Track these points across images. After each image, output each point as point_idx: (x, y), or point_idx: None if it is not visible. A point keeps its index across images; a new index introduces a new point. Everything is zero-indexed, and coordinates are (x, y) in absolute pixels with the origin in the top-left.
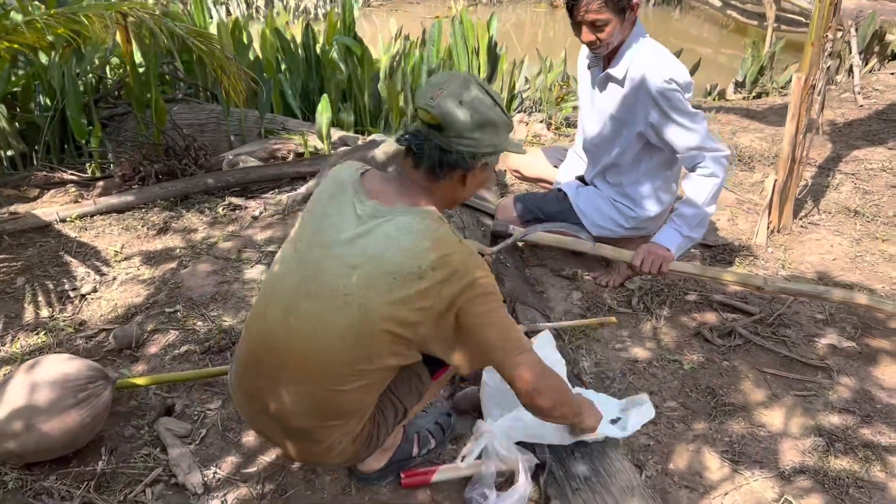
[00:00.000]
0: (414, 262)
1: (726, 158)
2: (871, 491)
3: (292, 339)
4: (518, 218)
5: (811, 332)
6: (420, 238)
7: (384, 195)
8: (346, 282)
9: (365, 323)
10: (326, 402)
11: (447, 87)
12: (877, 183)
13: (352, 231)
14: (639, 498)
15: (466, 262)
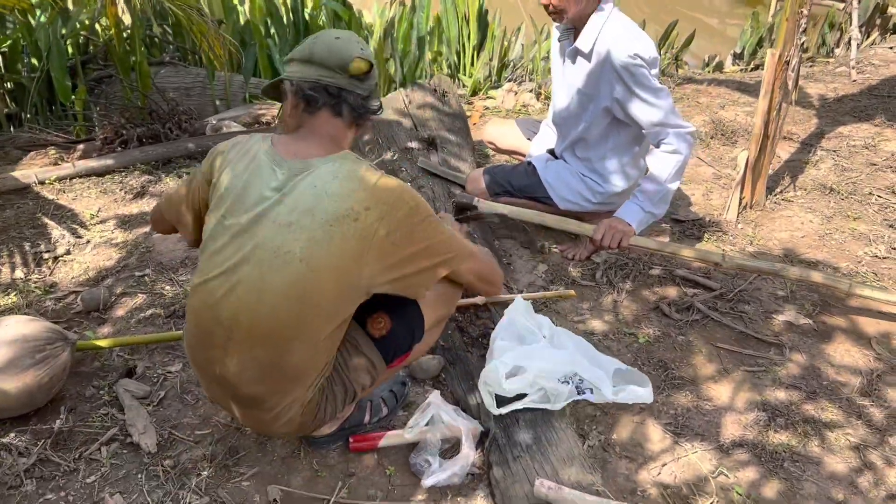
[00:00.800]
0: (345, 205)
1: (691, 135)
2: (805, 465)
3: (237, 306)
4: (487, 190)
5: (770, 309)
6: (346, 181)
7: (300, 151)
8: (283, 240)
9: (309, 277)
10: (274, 366)
11: (366, 47)
12: (857, 160)
13: (277, 192)
14: (578, 467)
15: (395, 193)
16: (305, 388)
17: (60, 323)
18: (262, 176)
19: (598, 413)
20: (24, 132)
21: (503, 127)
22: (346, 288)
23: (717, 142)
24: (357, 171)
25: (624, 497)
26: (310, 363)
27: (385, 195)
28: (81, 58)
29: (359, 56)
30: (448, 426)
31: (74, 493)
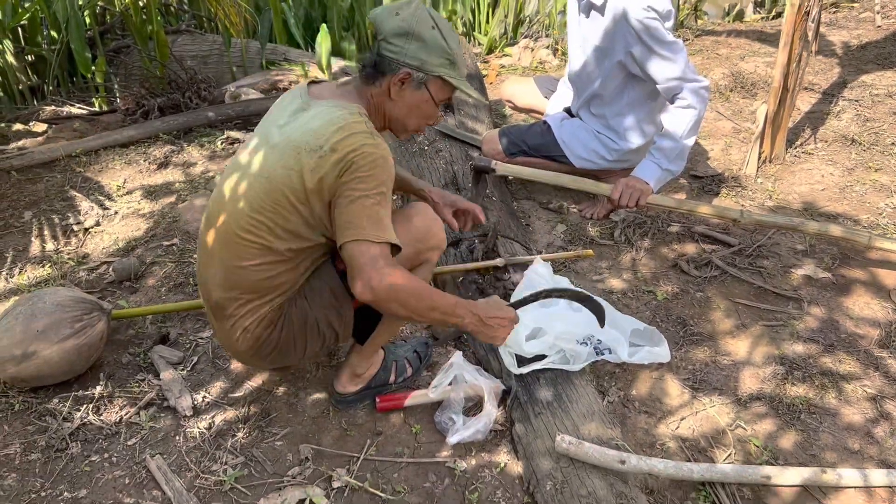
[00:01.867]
0: (317, 140)
1: (706, 90)
2: (822, 416)
3: (224, 209)
4: (503, 150)
5: (789, 263)
6: (329, 123)
7: (322, 95)
8: (263, 157)
9: (268, 191)
10: (233, 270)
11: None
12: (880, 110)
13: (282, 120)
14: (598, 422)
15: (366, 152)
16: (261, 300)
17: (94, 293)
18: (283, 110)
19: (618, 370)
20: (47, 105)
21: (521, 85)
22: (298, 212)
23: (736, 95)
24: (344, 120)
25: (643, 450)
26: (265, 276)
27: (351, 144)
28: (99, 28)
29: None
30: (471, 385)
31: (117, 455)
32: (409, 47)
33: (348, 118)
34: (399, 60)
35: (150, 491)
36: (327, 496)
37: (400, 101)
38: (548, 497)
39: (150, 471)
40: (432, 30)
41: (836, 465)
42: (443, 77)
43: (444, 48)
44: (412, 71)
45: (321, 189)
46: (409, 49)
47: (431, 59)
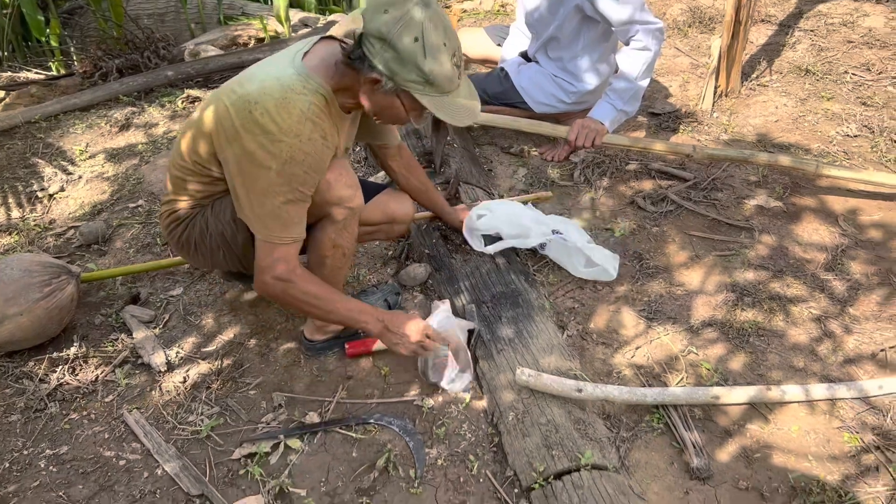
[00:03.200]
0: (257, 96)
1: (660, 31)
2: (769, 338)
3: None
4: None
5: (742, 195)
6: (278, 87)
7: (312, 54)
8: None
9: (205, 118)
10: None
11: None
12: (834, 39)
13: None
14: (557, 355)
15: (291, 131)
16: (177, 197)
17: (63, 257)
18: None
19: (577, 305)
20: (2, 71)
21: (472, 35)
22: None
23: (694, 30)
24: (290, 91)
25: (601, 379)
26: (181, 178)
27: (282, 122)
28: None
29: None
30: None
31: (96, 412)
32: (385, 55)
33: (298, 90)
34: (371, 62)
35: (130, 444)
36: (301, 439)
37: (371, 97)
38: (510, 427)
39: (129, 425)
40: (414, 42)
41: (781, 383)
42: (410, 92)
43: (419, 66)
44: (382, 78)
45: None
46: (384, 56)
47: (403, 73)
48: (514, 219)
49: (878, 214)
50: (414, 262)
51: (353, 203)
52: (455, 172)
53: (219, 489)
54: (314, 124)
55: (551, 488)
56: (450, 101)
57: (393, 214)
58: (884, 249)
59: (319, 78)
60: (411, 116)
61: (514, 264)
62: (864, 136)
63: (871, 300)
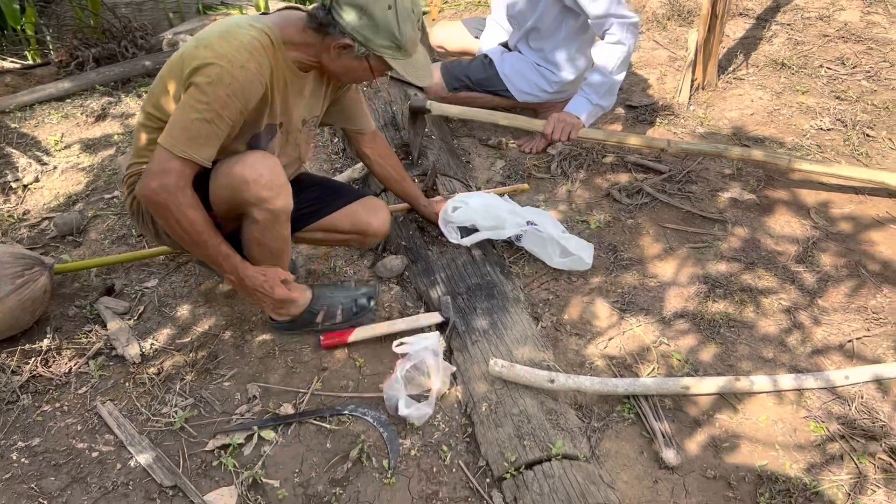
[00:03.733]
0: (203, 35)
1: (635, 26)
2: (740, 330)
3: None
4: (445, 86)
5: (716, 187)
6: (225, 25)
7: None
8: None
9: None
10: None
11: None
12: (810, 32)
13: None
14: (531, 346)
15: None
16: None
17: (37, 249)
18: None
19: (552, 297)
20: None
21: (450, 29)
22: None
23: (673, 23)
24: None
25: (573, 370)
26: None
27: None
28: None
29: None
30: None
31: (69, 404)
32: (358, 22)
33: (252, 35)
34: (345, 30)
35: (103, 435)
36: (275, 430)
37: (337, 61)
38: (483, 417)
39: (102, 416)
40: (388, 10)
41: (750, 374)
42: (384, 57)
43: (394, 33)
44: (354, 44)
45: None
46: (358, 23)
47: (377, 39)
48: (490, 211)
49: (849, 207)
50: (391, 253)
51: (274, 205)
52: (432, 164)
53: (192, 480)
54: (250, 54)
55: (522, 478)
56: (413, 62)
57: (364, 227)
58: (853, 242)
59: (271, 23)
60: (376, 76)
61: (490, 256)
62: (838, 129)
63: (840, 292)
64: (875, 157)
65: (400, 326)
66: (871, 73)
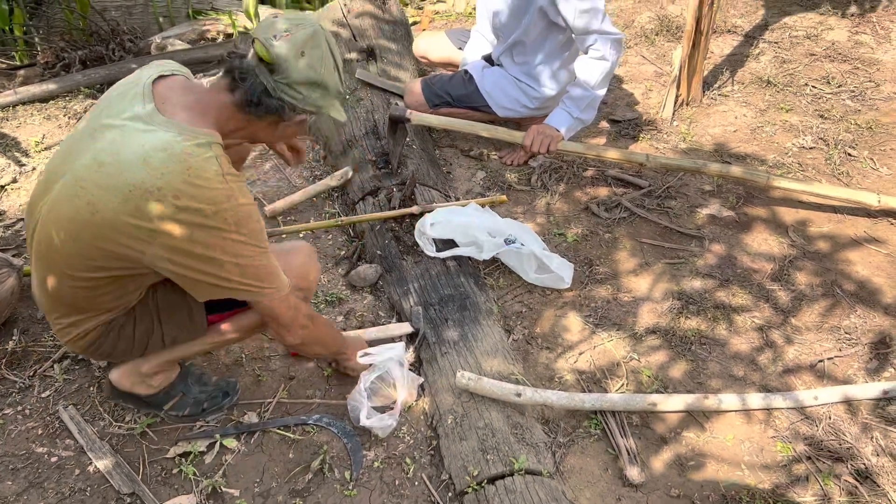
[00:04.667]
0: (156, 181)
1: (619, 42)
2: (712, 347)
3: (39, 215)
4: (426, 102)
5: (695, 203)
6: (173, 161)
7: (169, 103)
8: (87, 174)
9: (89, 224)
10: (51, 288)
11: (296, 33)
12: (797, 51)
13: (118, 130)
14: (500, 358)
15: (217, 201)
16: (85, 318)
17: (9, 250)
18: (121, 108)
19: (525, 310)
20: None
21: (433, 39)
22: (125, 254)
23: (661, 38)
24: (191, 158)
25: (542, 384)
26: (85, 300)
27: (204, 196)
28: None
29: (259, 39)
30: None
31: (31, 407)
32: (313, 95)
33: (195, 155)
34: (298, 107)
35: (63, 440)
36: (238, 439)
37: (283, 133)
38: (448, 430)
39: (63, 421)
40: (333, 72)
41: (719, 392)
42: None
43: (339, 89)
44: (307, 117)
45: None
46: (312, 97)
47: (327, 100)
48: (468, 230)
49: (827, 226)
50: (365, 262)
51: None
52: (412, 173)
53: (151, 488)
54: (232, 176)
55: (484, 493)
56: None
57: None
58: (830, 261)
59: (201, 129)
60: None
61: (465, 267)
62: (820, 148)
63: (814, 311)
64: (856, 177)
65: (370, 336)
66: (855, 92)
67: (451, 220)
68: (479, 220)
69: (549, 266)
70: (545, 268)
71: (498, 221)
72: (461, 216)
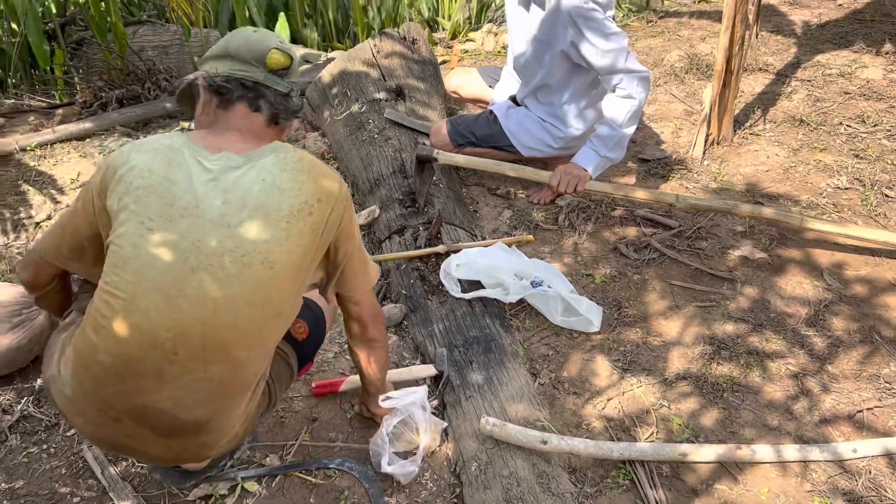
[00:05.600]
0: (300, 199)
1: (646, 80)
2: (745, 394)
3: (186, 323)
4: (451, 141)
5: (727, 244)
6: (297, 173)
7: (227, 145)
8: (238, 242)
9: (272, 280)
10: (229, 382)
11: (277, 36)
12: (831, 89)
13: (213, 190)
14: (526, 403)
15: (338, 181)
16: (250, 396)
17: None
18: (192, 175)
19: (552, 353)
20: (7, 98)
21: (466, 76)
22: (301, 286)
23: (691, 76)
24: (304, 161)
25: (570, 430)
26: (260, 371)
27: (332, 185)
28: (61, 20)
29: (276, 47)
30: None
31: (56, 446)
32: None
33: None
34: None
35: (86, 480)
36: (259, 482)
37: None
38: (472, 478)
39: (87, 461)
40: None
41: (753, 442)
42: None
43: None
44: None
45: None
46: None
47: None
48: (494, 272)
49: (864, 269)
50: (391, 301)
51: None
52: (438, 212)
53: None
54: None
55: None
56: None
57: None
58: (868, 306)
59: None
60: None
61: (491, 308)
62: (855, 188)
63: (852, 358)
64: (894, 219)
65: (393, 378)
66: (892, 132)
67: (476, 262)
68: (506, 261)
69: (578, 309)
70: (572, 310)
71: (524, 262)
72: (487, 257)
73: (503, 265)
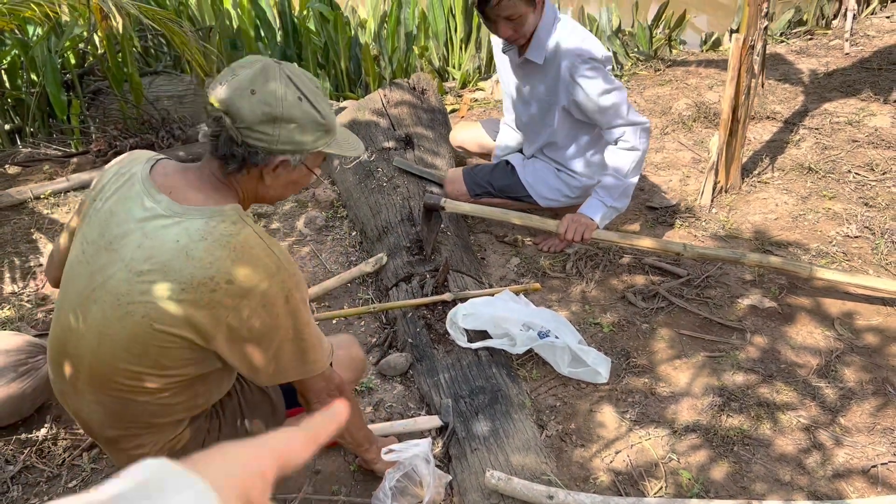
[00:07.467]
0: (206, 272)
1: (646, 130)
2: (755, 448)
3: (80, 345)
4: (468, 191)
5: (736, 293)
6: (215, 247)
7: (177, 190)
8: (130, 289)
9: (151, 333)
10: (124, 411)
11: (242, 73)
12: (839, 137)
13: (139, 233)
14: (532, 456)
15: (267, 277)
16: (168, 429)
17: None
18: (130, 212)
19: (559, 403)
20: (24, 147)
21: (469, 131)
22: (194, 353)
23: (699, 125)
24: (231, 238)
25: (577, 484)
26: (161, 410)
27: (251, 278)
28: (79, 71)
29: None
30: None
31: (57, 498)
32: (281, 133)
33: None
34: (271, 149)
35: None
36: None
37: (275, 183)
38: None
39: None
40: (300, 101)
41: (765, 497)
42: (319, 150)
43: (318, 120)
44: (289, 157)
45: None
46: (281, 135)
47: (307, 135)
48: (500, 323)
49: (876, 319)
50: (396, 350)
51: None
52: (445, 260)
53: None
54: (272, 243)
55: None
56: (340, 136)
57: None
58: (880, 356)
59: (222, 206)
60: (315, 173)
61: (498, 357)
62: (865, 237)
63: (865, 410)
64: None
65: (397, 429)
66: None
67: (483, 312)
68: (513, 311)
69: (586, 361)
70: (580, 361)
71: (532, 311)
72: (494, 308)
73: (510, 315)
